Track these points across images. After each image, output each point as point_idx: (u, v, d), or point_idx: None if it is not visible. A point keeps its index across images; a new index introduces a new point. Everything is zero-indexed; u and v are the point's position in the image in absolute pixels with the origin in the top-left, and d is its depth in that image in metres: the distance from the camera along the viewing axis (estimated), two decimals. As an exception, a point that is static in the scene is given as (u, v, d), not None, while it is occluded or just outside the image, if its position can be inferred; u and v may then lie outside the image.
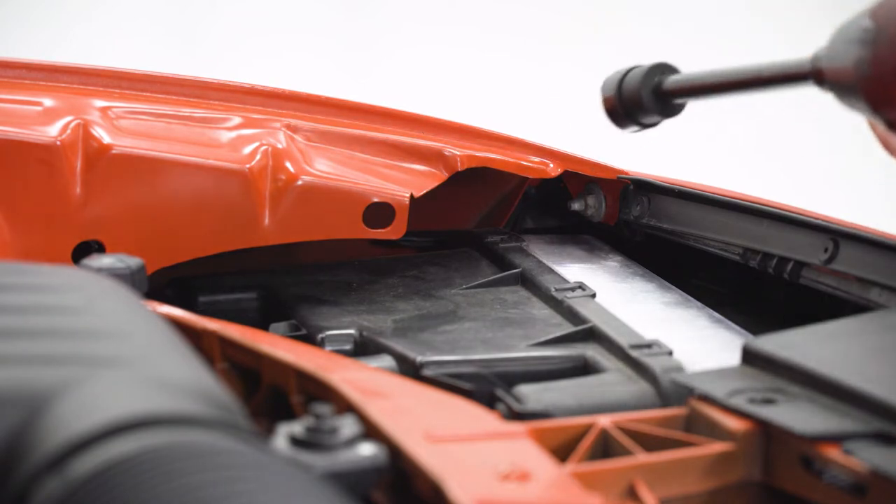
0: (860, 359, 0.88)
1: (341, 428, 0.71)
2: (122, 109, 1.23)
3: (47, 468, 0.61)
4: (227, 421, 0.65)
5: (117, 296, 0.81)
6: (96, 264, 0.97)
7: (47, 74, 1.27)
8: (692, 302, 1.13)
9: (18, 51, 1.44)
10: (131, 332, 0.75)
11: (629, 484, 0.79)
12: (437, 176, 1.24)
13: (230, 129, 1.22)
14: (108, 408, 0.63)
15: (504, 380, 0.95)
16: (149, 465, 0.60)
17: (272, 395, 0.90)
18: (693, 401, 0.87)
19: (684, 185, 1.25)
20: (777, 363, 0.88)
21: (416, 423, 0.79)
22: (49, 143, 1.15)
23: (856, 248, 1.08)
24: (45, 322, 0.73)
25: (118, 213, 1.16)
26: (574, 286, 1.12)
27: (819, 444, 0.80)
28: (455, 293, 1.15)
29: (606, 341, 1.01)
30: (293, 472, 0.63)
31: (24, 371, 0.67)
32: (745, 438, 0.83)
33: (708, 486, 0.82)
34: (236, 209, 1.18)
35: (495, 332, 1.06)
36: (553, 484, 0.75)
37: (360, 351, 1.04)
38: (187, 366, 0.71)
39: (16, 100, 1.22)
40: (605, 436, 0.84)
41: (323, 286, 1.16)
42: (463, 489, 0.70)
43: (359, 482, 0.70)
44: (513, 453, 0.78)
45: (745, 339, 0.97)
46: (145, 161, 1.17)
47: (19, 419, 0.64)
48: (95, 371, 0.67)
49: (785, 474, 0.82)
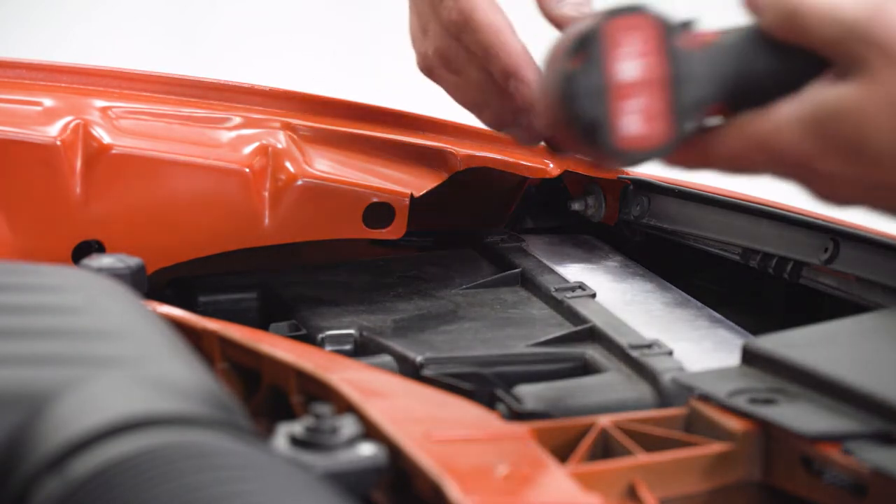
0: (860, 359, 0.88)
1: (341, 428, 0.71)
2: (122, 109, 1.23)
3: (47, 468, 0.61)
4: (227, 421, 0.65)
5: (117, 296, 0.81)
6: (96, 264, 0.96)
7: (47, 74, 1.27)
8: (692, 302, 1.13)
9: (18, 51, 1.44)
10: (131, 332, 0.75)
11: (629, 484, 0.79)
12: (437, 176, 1.24)
13: (230, 129, 1.22)
14: (108, 408, 0.63)
15: (504, 380, 0.95)
16: (149, 465, 0.60)
17: (272, 395, 0.90)
18: (693, 401, 0.87)
19: (684, 185, 1.25)
20: (777, 363, 0.88)
21: (416, 423, 0.79)
22: (49, 143, 1.15)
23: (856, 248, 1.08)
24: (45, 322, 0.73)
25: (118, 213, 1.16)
26: (574, 286, 1.12)
27: (819, 444, 0.80)
28: (455, 293, 1.15)
29: (606, 341, 1.01)
30: (293, 472, 0.63)
31: (24, 371, 0.67)
32: (745, 438, 0.83)
33: (708, 486, 0.82)
34: (236, 209, 1.18)
35: (495, 332, 1.06)
36: (553, 484, 0.75)
37: (360, 351, 1.04)
38: (187, 366, 0.71)
39: (16, 100, 1.22)
40: (606, 436, 0.84)
41: (323, 286, 1.16)
42: (463, 489, 0.70)
43: (359, 482, 0.70)
44: (513, 453, 0.78)
45: (745, 339, 0.97)
46: (145, 161, 1.17)
47: (19, 419, 0.64)
48: (95, 371, 0.67)
49: (785, 474, 0.82)
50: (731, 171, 0.87)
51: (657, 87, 0.82)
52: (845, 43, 0.79)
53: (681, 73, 0.82)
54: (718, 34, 0.85)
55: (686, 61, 0.82)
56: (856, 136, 0.79)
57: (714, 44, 0.84)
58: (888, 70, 0.78)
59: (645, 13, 0.82)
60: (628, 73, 0.82)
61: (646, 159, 0.84)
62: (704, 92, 0.83)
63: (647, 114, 0.82)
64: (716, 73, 0.83)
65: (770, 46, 0.83)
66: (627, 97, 0.82)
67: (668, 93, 0.82)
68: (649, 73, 0.82)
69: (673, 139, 0.83)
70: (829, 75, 0.80)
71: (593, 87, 0.82)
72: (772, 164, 0.84)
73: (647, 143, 0.82)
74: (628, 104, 0.82)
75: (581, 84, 0.82)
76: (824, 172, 0.81)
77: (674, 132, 0.82)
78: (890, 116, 0.78)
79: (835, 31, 0.79)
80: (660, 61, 0.82)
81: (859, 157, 0.80)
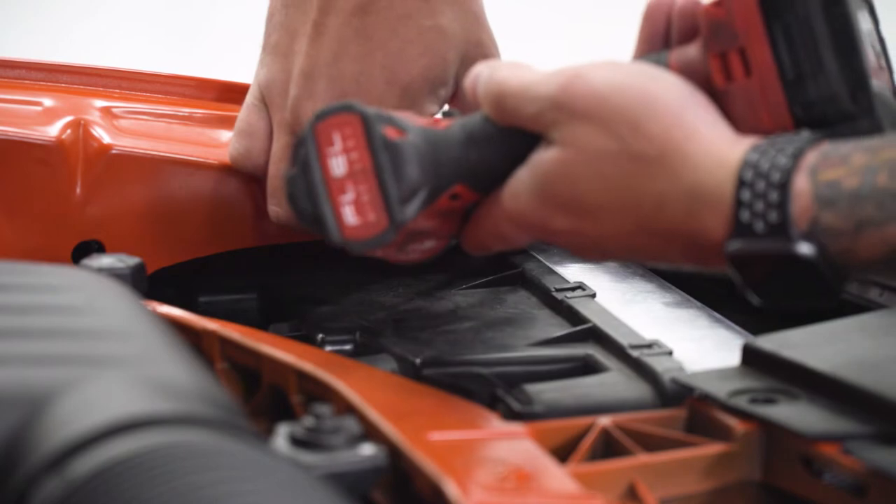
0: (860, 359, 0.88)
1: (341, 428, 0.71)
2: (122, 109, 1.23)
3: (47, 468, 0.61)
4: (226, 421, 0.65)
5: (117, 296, 0.81)
6: (96, 264, 0.97)
7: (47, 74, 1.27)
8: (692, 302, 1.13)
9: (18, 51, 1.44)
10: (131, 332, 0.75)
11: (629, 484, 0.79)
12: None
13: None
14: (107, 408, 0.63)
15: (504, 380, 0.95)
16: (149, 465, 0.60)
17: (272, 395, 0.90)
18: (693, 401, 0.87)
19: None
20: (777, 363, 0.88)
21: (416, 423, 0.79)
22: (49, 143, 1.15)
23: (856, 248, 1.08)
24: (45, 322, 0.73)
25: (118, 213, 1.16)
26: (574, 286, 1.12)
27: (819, 444, 0.80)
28: (455, 293, 1.15)
29: (606, 341, 1.01)
30: (293, 472, 0.63)
31: (24, 371, 0.67)
32: (745, 438, 0.83)
33: (708, 486, 0.82)
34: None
35: (495, 332, 1.05)
36: (553, 484, 0.75)
37: (360, 351, 1.04)
38: (187, 366, 0.71)
39: (16, 100, 1.22)
40: (606, 436, 0.84)
41: (323, 286, 1.16)
42: (463, 489, 0.70)
43: (359, 482, 0.70)
44: (513, 453, 0.78)
45: (745, 339, 0.97)
46: (145, 161, 1.17)
47: (19, 419, 0.64)
48: (95, 371, 0.67)
49: (785, 474, 0.82)
50: (497, 244, 0.96)
51: (365, 178, 0.88)
52: (545, 114, 0.88)
53: (384, 163, 0.88)
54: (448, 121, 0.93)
55: (392, 151, 0.88)
56: (571, 194, 0.88)
57: (413, 129, 0.90)
58: (583, 130, 0.86)
59: (350, 111, 0.89)
60: (339, 168, 0.89)
61: (373, 246, 0.90)
62: (415, 177, 0.89)
63: (361, 204, 0.89)
64: (425, 158, 0.89)
65: (493, 127, 0.91)
66: (343, 191, 0.89)
67: (375, 183, 0.88)
68: (356, 166, 0.88)
69: (390, 225, 0.89)
70: (543, 144, 0.89)
71: (311, 185, 0.89)
72: (522, 230, 0.92)
73: (367, 231, 0.89)
74: (344, 197, 0.89)
75: (299, 185, 0.90)
76: (564, 230, 0.89)
77: (388, 219, 0.89)
78: (594, 171, 0.86)
79: (535, 107, 0.88)
80: (364, 154, 0.88)
81: (581, 212, 0.88)
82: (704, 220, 0.83)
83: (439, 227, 0.96)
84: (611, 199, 0.87)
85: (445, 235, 0.98)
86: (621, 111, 0.86)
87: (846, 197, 0.79)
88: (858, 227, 0.78)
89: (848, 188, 0.79)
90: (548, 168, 0.88)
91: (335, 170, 0.89)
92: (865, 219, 0.78)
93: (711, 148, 0.84)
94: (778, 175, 0.81)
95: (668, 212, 0.85)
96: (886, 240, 0.78)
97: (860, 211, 0.78)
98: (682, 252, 0.87)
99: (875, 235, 0.78)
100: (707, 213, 0.83)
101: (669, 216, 0.85)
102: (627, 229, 0.87)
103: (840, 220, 0.79)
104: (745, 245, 0.82)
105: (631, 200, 0.86)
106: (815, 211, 0.79)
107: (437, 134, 0.92)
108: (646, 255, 0.90)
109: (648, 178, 0.85)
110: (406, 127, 0.91)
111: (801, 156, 0.81)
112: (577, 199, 0.88)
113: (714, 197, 0.83)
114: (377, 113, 0.90)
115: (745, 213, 0.81)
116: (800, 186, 0.80)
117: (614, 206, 0.87)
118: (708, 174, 0.83)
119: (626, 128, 0.85)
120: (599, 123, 0.86)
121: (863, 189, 0.78)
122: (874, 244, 0.78)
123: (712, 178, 0.83)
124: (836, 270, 0.80)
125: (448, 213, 0.95)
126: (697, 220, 0.84)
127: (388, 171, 0.89)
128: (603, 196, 0.87)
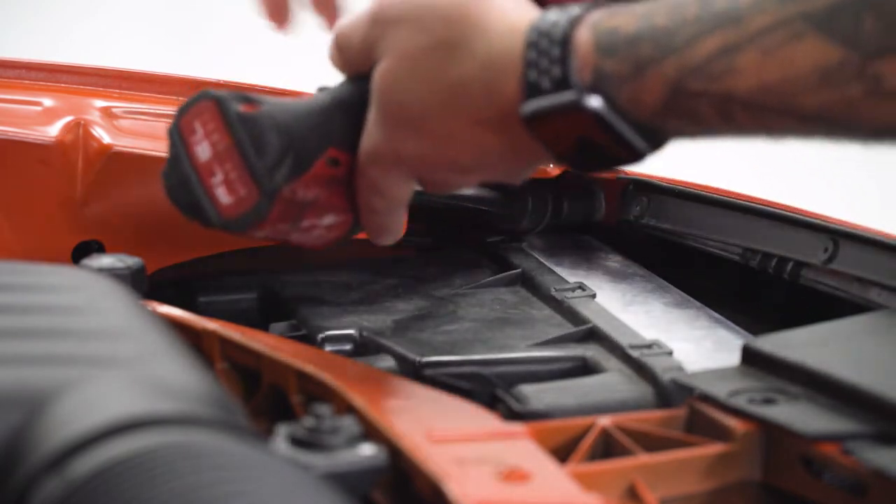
0: (860, 359, 0.89)
1: (341, 428, 0.71)
2: (122, 109, 1.23)
3: (47, 468, 0.61)
4: (227, 421, 0.65)
5: (117, 296, 0.81)
6: (96, 264, 0.97)
7: (47, 74, 1.27)
8: (692, 302, 1.13)
9: (18, 51, 1.44)
10: (131, 333, 0.75)
11: (629, 484, 0.79)
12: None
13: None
14: (107, 408, 0.63)
15: (504, 380, 0.95)
16: (149, 465, 0.60)
17: (272, 395, 0.90)
18: (693, 401, 0.87)
19: (684, 184, 1.25)
20: (777, 363, 0.88)
21: (416, 423, 0.79)
22: (49, 143, 1.15)
23: (856, 248, 1.09)
24: (45, 322, 0.73)
25: (118, 213, 1.16)
26: (574, 286, 1.12)
27: (819, 444, 0.80)
28: (455, 293, 1.15)
29: (606, 341, 1.01)
30: (293, 473, 0.63)
31: (24, 371, 0.67)
32: (745, 438, 0.83)
33: (708, 486, 0.82)
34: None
35: (495, 332, 1.05)
36: (553, 484, 0.75)
37: (360, 351, 1.04)
38: (187, 366, 0.71)
39: (16, 100, 1.22)
40: (606, 436, 0.84)
41: (323, 286, 1.16)
42: (463, 489, 0.70)
43: (359, 482, 0.70)
44: (513, 453, 0.78)
45: (745, 339, 0.97)
46: (145, 161, 1.16)
47: (19, 419, 0.64)
48: (95, 371, 0.67)
49: (785, 474, 0.82)
50: (378, 202, 0.94)
51: (229, 155, 0.91)
52: (369, 37, 0.89)
53: (243, 137, 0.90)
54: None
55: (248, 125, 0.90)
56: (403, 104, 0.88)
57: (271, 102, 0.92)
58: (400, 34, 0.87)
59: (206, 97, 0.91)
60: (204, 153, 0.91)
61: (252, 221, 0.92)
62: (276, 144, 0.90)
63: (230, 182, 0.91)
64: (282, 126, 0.91)
65: (352, 85, 0.93)
66: (212, 173, 0.91)
67: (239, 158, 0.90)
68: (219, 147, 0.91)
69: (262, 196, 0.90)
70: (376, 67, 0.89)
71: (182, 175, 0.92)
72: (385, 171, 0.91)
73: (242, 206, 0.91)
74: (214, 179, 0.91)
75: (172, 177, 0.93)
76: (415, 155, 0.89)
77: (259, 189, 0.90)
78: (417, 74, 0.87)
79: (360, 35, 0.90)
80: (223, 134, 0.91)
81: (418, 124, 0.88)
82: (502, 87, 0.84)
83: (328, 197, 0.95)
84: (434, 100, 0.87)
85: (342, 208, 0.96)
86: (430, 5, 0.87)
87: (624, 41, 0.80)
88: (638, 69, 0.79)
89: (626, 33, 0.80)
90: (380, 85, 0.89)
91: (201, 155, 0.91)
92: (644, 58, 0.79)
93: (505, 17, 0.85)
94: (559, 31, 0.82)
95: (475, 90, 0.85)
96: (665, 77, 0.78)
97: (638, 51, 0.79)
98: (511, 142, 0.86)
99: (655, 74, 0.79)
100: (503, 80, 0.84)
101: (476, 94, 0.85)
102: (460, 130, 0.87)
103: (621, 64, 0.80)
104: (535, 104, 0.83)
105: (449, 95, 0.86)
106: (596, 60, 0.80)
107: (297, 103, 0.93)
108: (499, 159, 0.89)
109: (458, 64, 0.86)
110: (261, 100, 0.92)
111: (587, 13, 0.82)
112: (409, 110, 0.88)
113: (506, 62, 0.84)
114: (231, 93, 0.92)
115: (532, 72, 0.83)
116: (582, 39, 0.81)
117: (438, 105, 0.87)
118: (500, 42, 0.85)
119: (435, 20, 0.86)
120: (413, 22, 0.87)
121: (641, 31, 0.79)
122: (655, 85, 0.79)
123: (503, 45, 0.84)
124: (632, 124, 0.80)
125: (332, 182, 0.94)
126: (497, 91, 0.85)
127: (247, 143, 0.90)
128: (428, 98, 0.87)
